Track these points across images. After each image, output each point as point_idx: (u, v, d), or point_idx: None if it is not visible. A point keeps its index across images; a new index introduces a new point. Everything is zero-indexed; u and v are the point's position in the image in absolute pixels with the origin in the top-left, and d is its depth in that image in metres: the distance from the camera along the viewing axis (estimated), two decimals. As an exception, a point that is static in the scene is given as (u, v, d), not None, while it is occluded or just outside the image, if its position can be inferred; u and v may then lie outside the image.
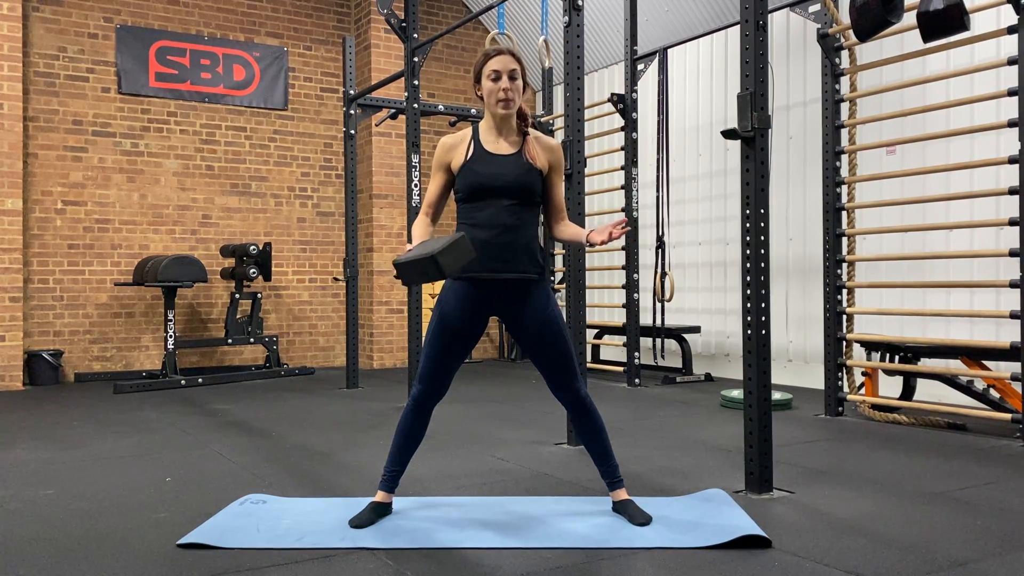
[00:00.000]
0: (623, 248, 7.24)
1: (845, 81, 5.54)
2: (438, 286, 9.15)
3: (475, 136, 3.02)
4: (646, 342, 7.79)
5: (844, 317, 5.42)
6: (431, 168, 3.08)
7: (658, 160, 7.48)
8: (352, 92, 7.26)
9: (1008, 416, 4.61)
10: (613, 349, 8.53)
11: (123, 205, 8.23)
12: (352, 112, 7.23)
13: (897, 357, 5.29)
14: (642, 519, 2.94)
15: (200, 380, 7.44)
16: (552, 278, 8.82)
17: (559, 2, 6.28)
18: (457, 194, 3.01)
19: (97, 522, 3.08)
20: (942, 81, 5.53)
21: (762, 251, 3.40)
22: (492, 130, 3.01)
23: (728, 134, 3.40)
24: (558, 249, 9.12)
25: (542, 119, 8.88)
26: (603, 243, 2.87)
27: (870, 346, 5.39)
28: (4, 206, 7.40)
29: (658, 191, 7.41)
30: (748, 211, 3.42)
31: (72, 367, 7.96)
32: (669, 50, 7.37)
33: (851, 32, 4.93)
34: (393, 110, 7.50)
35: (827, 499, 3.32)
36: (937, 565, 2.54)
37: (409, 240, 5.81)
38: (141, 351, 8.28)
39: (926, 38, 4.44)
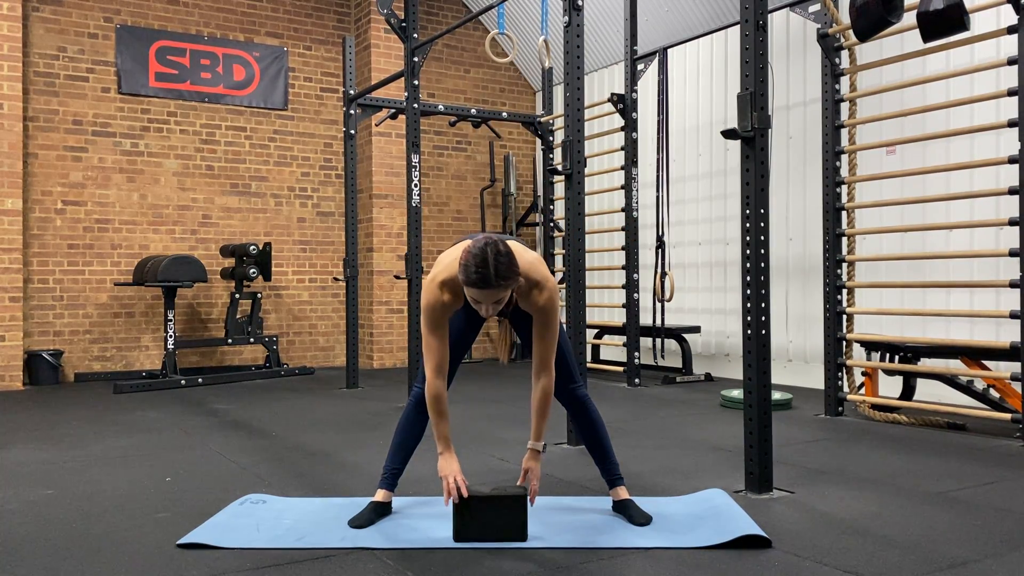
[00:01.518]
0: (623, 248, 7.24)
1: (845, 81, 5.54)
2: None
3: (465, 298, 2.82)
4: (646, 342, 7.79)
5: (844, 317, 5.42)
6: (427, 319, 2.83)
7: (658, 160, 7.48)
8: (352, 92, 7.26)
9: (1008, 416, 4.61)
10: (613, 349, 8.53)
11: (123, 205, 8.23)
12: (352, 112, 7.23)
13: (897, 357, 5.29)
14: (642, 519, 2.94)
15: (200, 380, 7.44)
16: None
17: (559, 2, 6.27)
18: None
19: (97, 522, 3.08)
20: (942, 81, 5.53)
21: (762, 251, 3.40)
22: None
23: (728, 134, 3.40)
24: (558, 249, 9.12)
25: (542, 119, 8.89)
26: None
27: (870, 346, 5.39)
28: (4, 206, 7.40)
29: (658, 191, 7.41)
30: (748, 211, 3.42)
31: (72, 367, 7.96)
32: (669, 50, 7.37)
33: (851, 32, 4.93)
34: (393, 110, 7.50)
35: (827, 499, 3.32)
36: (937, 565, 2.54)
37: (412, 247, 5.82)
38: (141, 351, 8.28)
39: (926, 38, 4.43)
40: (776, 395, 5.37)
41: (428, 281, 2.85)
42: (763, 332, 3.41)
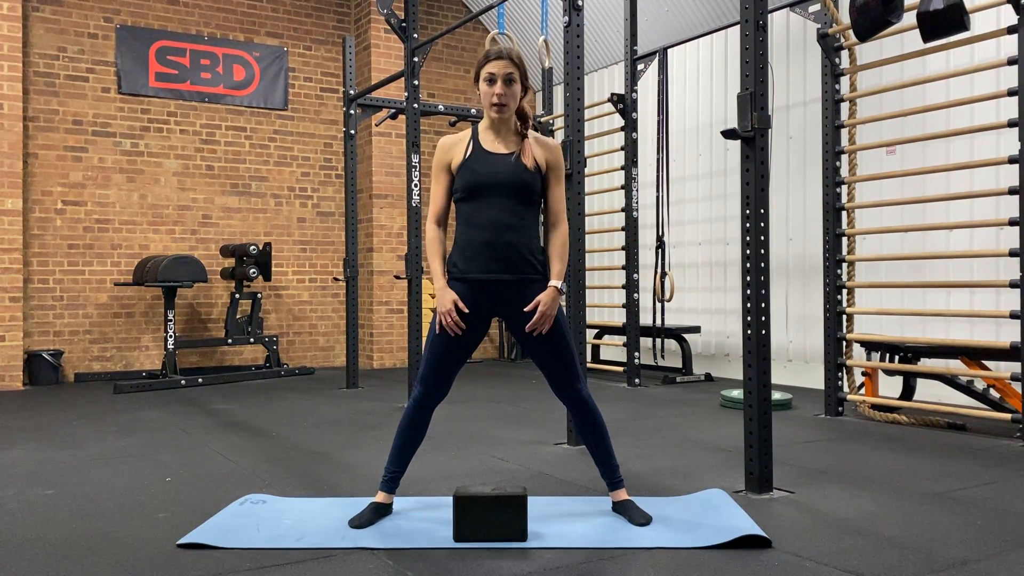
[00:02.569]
0: (623, 248, 7.24)
1: (845, 81, 5.54)
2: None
3: (474, 136, 3.02)
4: (646, 342, 7.78)
5: (844, 317, 5.41)
6: (432, 172, 3.06)
7: (658, 160, 7.48)
8: (352, 92, 7.26)
9: (1008, 416, 4.61)
10: (613, 349, 8.53)
11: (123, 205, 8.23)
12: (352, 112, 7.23)
13: (897, 357, 5.29)
14: (642, 519, 2.94)
15: (200, 380, 7.44)
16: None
17: (559, 2, 6.28)
18: (456, 193, 3.00)
19: (97, 522, 3.08)
20: (942, 81, 5.53)
21: (762, 251, 3.40)
22: (491, 130, 3.01)
23: (728, 134, 3.40)
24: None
25: (542, 119, 8.88)
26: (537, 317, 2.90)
27: (870, 346, 5.39)
28: (4, 206, 7.40)
29: (658, 191, 7.41)
30: (748, 211, 3.42)
31: (72, 367, 7.96)
32: (669, 50, 7.37)
33: (851, 32, 4.93)
34: (393, 110, 7.50)
35: (827, 499, 3.32)
36: (937, 565, 2.54)
37: (412, 248, 5.83)
38: (141, 351, 8.28)
39: (926, 38, 4.43)
40: (776, 395, 5.37)
41: None
42: (763, 332, 3.41)
